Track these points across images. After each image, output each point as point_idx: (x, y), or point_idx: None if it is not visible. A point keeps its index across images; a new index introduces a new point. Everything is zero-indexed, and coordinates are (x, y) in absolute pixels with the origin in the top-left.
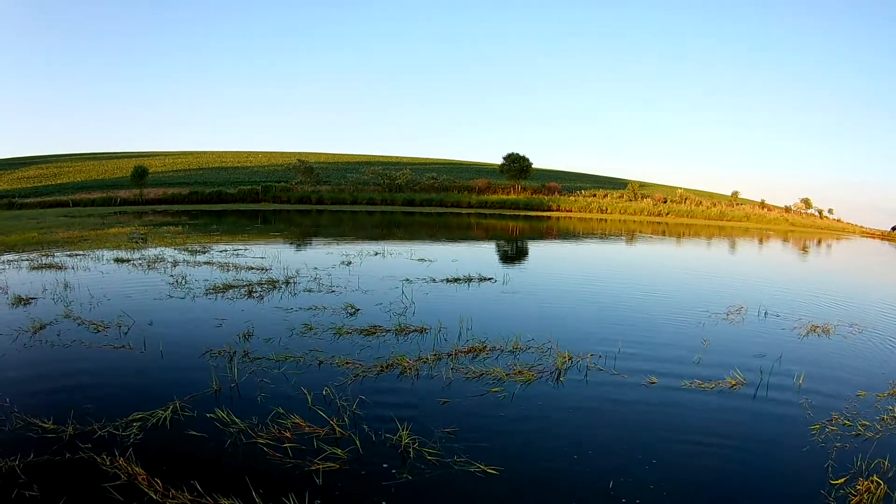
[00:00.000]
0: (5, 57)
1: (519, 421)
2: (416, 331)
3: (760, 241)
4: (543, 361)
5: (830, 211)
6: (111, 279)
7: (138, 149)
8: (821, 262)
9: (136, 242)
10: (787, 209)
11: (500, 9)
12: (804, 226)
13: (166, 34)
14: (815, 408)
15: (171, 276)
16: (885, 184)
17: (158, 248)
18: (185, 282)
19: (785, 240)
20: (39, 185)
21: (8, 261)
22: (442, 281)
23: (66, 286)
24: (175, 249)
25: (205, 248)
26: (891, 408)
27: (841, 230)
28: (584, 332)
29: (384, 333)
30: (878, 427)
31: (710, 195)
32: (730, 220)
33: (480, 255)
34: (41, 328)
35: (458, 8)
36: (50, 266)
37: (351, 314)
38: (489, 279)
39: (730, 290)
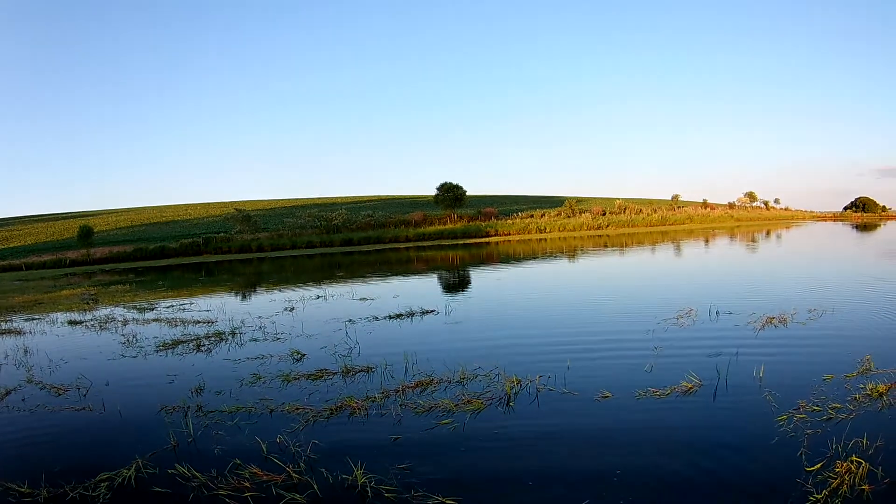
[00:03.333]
0: None
1: (472, 450)
2: (362, 371)
3: (706, 241)
4: (492, 388)
5: (777, 201)
6: (67, 342)
7: (84, 208)
8: (771, 253)
9: (88, 303)
10: (731, 205)
11: (425, 43)
12: (751, 219)
13: (98, 88)
14: (780, 399)
15: (123, 335)
16: (836, 166)
17: (109, 308)
18: (137, 340)
19: (732, 236)
20: None
21: None
22: (385, 318)
23: (25, 351)
24: (124, 308)
25: (152, 304)
26: (861, 386)
27: (790, 218)
28: (531, 354)
29: (331, 376)
30: (851, 407)
31: (650, 202)
32: (672, 224)
33: (421, 288)
34: (6, 394)
35: (381, 43)
36: (9, 332)
37: (297, 360)
38: (431, 311)
39: (678, 294)
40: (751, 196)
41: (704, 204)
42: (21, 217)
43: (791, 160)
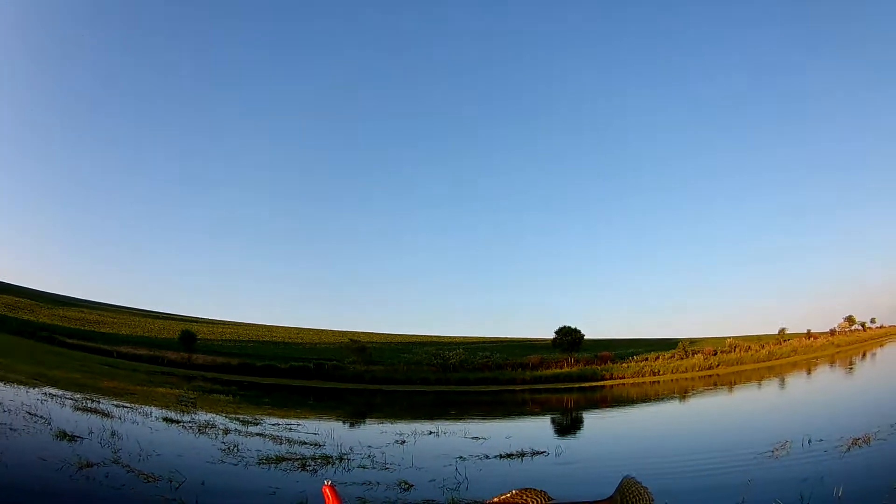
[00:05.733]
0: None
1: None
2: None
3: (808, 372)
4: None
5: (873, 321)
6: (161, 436)
7: (183, 312)
8: (861, 375)
9: (186, 406)
10: (833, 332)
11: (528, 185)
12: (849, 343)
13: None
14: None
15: (223, 442)
16: None
17: (209, 415)
18: (238, 450)
19: (831, 363)
20: (81, 328)
21: (50, 394)
22: (495, 457)
23: (113, 434)
24: (226, 417)
25: (256, 419)
26: None
27: (884, 336)
28: None
29: None
30: None
31: (759, 338)
32: (778, 359)
33: (534, 429)
34: (87, 466)
35: (493, 187)
36: (95, 411)
37: (405, 489)
38: (542, 453)
39: (775, 426)
40: (850, 320)
41: (808, 334)
42: (112, 305)
43: (879, 278)
